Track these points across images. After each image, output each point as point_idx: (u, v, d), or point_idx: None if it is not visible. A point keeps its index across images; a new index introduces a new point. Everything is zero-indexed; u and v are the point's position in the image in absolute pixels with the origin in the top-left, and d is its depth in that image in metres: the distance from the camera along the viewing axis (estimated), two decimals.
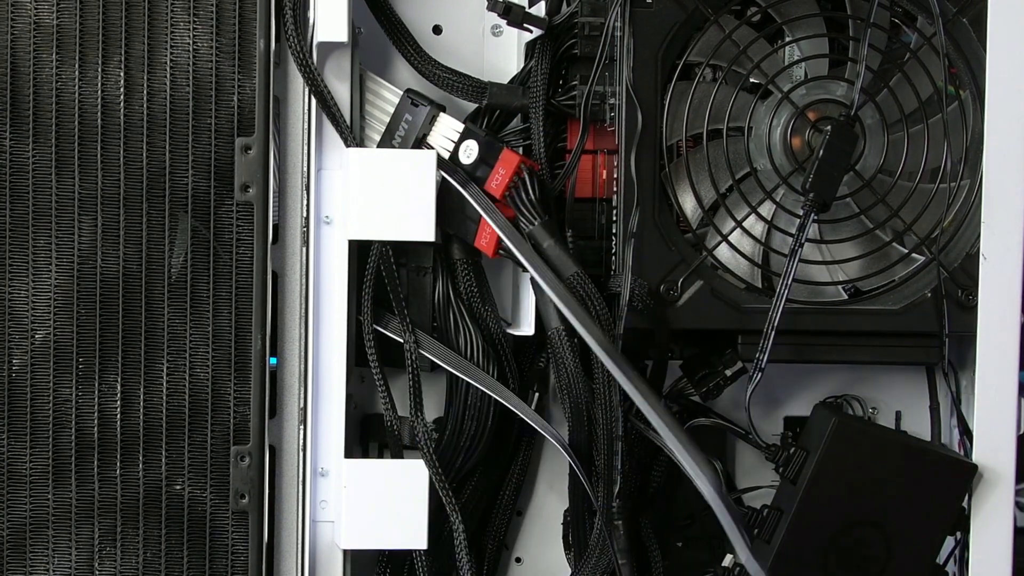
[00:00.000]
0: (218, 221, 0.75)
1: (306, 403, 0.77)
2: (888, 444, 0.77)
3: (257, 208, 0.75)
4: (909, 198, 0.77)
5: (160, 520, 0.75)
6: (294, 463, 0.78)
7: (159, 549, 0.75)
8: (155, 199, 0.74)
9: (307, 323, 0.77)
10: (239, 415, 0.75)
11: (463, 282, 0.79)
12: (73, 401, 0.74)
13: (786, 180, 0.76)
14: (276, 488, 0.77)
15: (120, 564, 0.75)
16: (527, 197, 0.76)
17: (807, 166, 0.76)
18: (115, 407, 0.75)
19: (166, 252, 0.75)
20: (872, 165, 0.77)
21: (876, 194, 0.77)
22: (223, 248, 0.75)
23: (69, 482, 0.75)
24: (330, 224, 0.77)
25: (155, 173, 0.74)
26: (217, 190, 0.74)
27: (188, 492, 0.75)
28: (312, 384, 0.77)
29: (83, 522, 0.75)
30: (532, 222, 0.76)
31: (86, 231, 0.74)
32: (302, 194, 0.77)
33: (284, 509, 0.78)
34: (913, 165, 0.77)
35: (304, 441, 0.77)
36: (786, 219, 0.77)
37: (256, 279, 0.75)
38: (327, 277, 0.77)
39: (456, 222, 0.78)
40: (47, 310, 0.74)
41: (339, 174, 0.77)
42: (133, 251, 0.74)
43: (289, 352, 0.77)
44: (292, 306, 0.77)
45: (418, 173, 0.76)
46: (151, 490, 0.75)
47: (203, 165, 0.74)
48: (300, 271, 0.77)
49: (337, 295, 0.78)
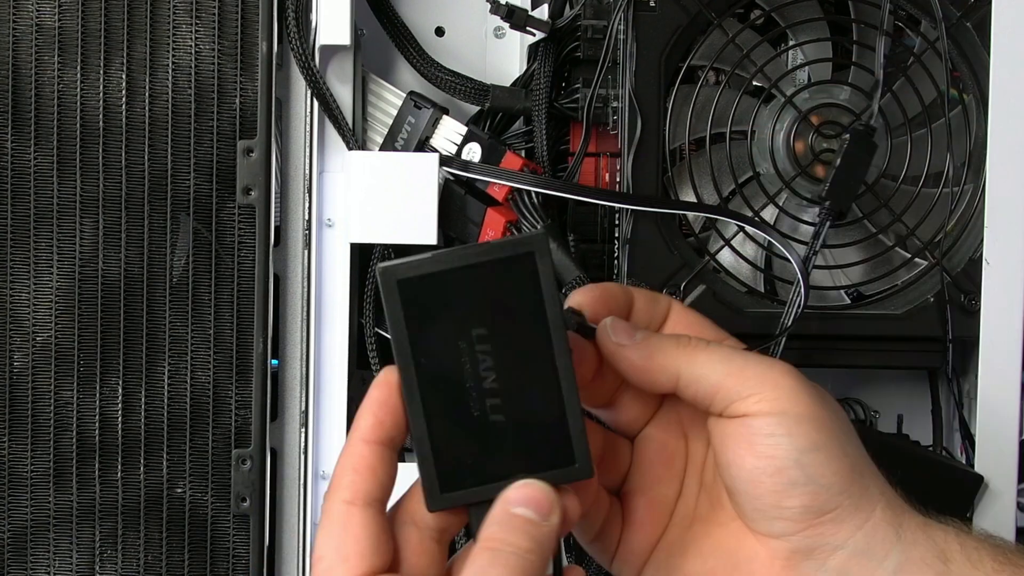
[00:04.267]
0: (220, 224, 0.75)
1: (307, 406, 0.77)
2: (891, 451, 0.77)
3: (259, 211, 0.75)
4: (912, 203, 0.77)
5: (161, 523, 0.75)
6: (295, 466, 0.78)
7: (160, 552, 0.75)
8: (157, 201, 0.74)
9: (309, 326, 0.77)
10: (240, 418, 0.75)
11: None
12: (74, 404, 0.75)
13: (789, 184, 0.76)
14: (277, 491, 0.77)
15: (121, 567, 0.75)
16: (529, 200, 0.76)
17: (811, 170, 0.76)
18: (116, 410, 0.75)
19: (168, 254, 0.75)
20: (875, 169, 0.77)
21: (879, 199, 0.77)
22: (225, 251, 0.75)
23: (70, 485, 0.75)
24: (332, 227, 0.77)
25: (157, 175, 0.74)
26: (219, 193, 0.74)
27: (189, 495, 0.75)
28: (314, 387, 0.77)
29: (84, 525, 0.75)
30: (535, 225, 0.76)
31: (88, 233, 0.74)
32: (304, 197, 0.77)
33: (285, 512, 0.78)
34: (916, 170, 0.77)
35: (305, 444, 0.77)
36: (789, 223, 0.78)
37: (258, 282, 0.75)
38: (329, 280, 0.77)
39: (458, 225, 0.78)
40: (48, 312, 0.74)
41: (341, 177, 0.77)
42: (135, 253, 0.74)
43: (291, 355, 0.77)
44: (294, 309, 0.77)
45: (420, 176, 0.76)
46: (152, 493, 0.75)
47: (205, 168, 0.74)
48: (302, 274, 0.77)
49: (339, 298, 0.77)
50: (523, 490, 0.51)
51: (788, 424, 0.52)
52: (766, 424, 0.52)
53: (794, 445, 0.52)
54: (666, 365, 0.54)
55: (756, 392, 0.52)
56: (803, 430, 0.52)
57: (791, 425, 0.52)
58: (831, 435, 0.52)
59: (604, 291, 0.57)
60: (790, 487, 0.52)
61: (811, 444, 0.52)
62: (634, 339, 0.54)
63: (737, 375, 0.53)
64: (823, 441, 0.52)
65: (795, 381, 0.53)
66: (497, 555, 0.49)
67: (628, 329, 0.55)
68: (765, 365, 0.53)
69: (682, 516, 0.57)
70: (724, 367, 0.53)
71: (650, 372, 0.54)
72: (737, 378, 0.53)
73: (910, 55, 0.77)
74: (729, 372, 0.53)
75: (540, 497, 0.51)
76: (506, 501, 0.51)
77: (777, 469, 0.52)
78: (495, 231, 0.76)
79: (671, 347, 0.54)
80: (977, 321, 0.76)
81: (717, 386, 0.53)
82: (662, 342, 0.54)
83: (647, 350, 0.54)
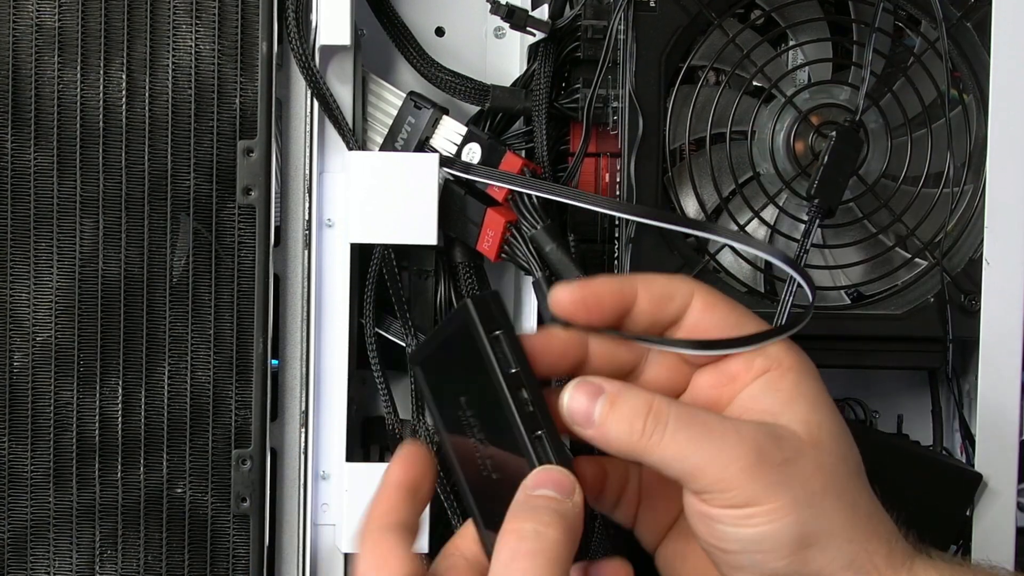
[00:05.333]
0: (220, 224, 0.74)
1: (307, 406, 0.77)
2: (890, 451, 0.76)
3: (259, 211, 0.75)
4: (912, 203, 0.77)
5: (161, 523, 0.75)
6: (295, 466, 0.77)
7: (160, 552, 0.75)
8: (157, 201, 0.74)
9: (309, 326, 0.77)
10: (240, 418, 0.75)
11: (465, 285, 0.79)
12: (74, 404, 0.74)
13: (789, 184, 0.76)
14: (277, 491, 0.77)
15: (121, 567, 0.75)
16: (529, 201, 0.76)
17: (811, 170, 0.75)
18: (116, 410, 0.75)
19: (168, 255, 0.74)
20: (875, 170, 0.77)
21: (879, 199, 0.77)
22: (225, 251, 0.75)
23: (70, 485, 0.75)
24: (332, 227, 0.77)
25: (157, 175, 0.74)
26: (219, 193, 0.74)
27: (189, 495, 0.75)
28: (314, 387, 0.77)
29: (84, 525, 0.75)
30: (535, 226, 0.76)
31: (88, 233, 0.74)
32: (304, 197, 0.77)
33: (285, 512, 0.77)
34: (916, 170, 0.77)
35: (305, 444, 0.77)
36: (789, 223, 0.77)
37: (258, 282, 0.75)
38: (329, 280, 0.77)
39: (458, 225, 0.78)
40: (48, 312, 0.74)
41: (341, 177, 0.77)
42: (135, 253, 0.74)
43: (291, 355, 0.77)
44: (294, 309, 0.77)
45: (421, 176, 0.76)
46: (152, 493, 0.75)
47: (205, 168, 0.74)
48: (302, 274, 0.77)
49: (339, 298, 0.77)
50: (540, 475, 0.51)
51: (736, 516, 0.52)
52: (720, 519, 0.52)
53: (741, 539, 0.52)
54: (626, 453, 0.53)
55: (714, 491, 0.52)
56: (747, 523, 0.52)
57: (739, 518, 0.52)
58: (780, 527, 0.52)
59: (590, 293, 0.55)
60: (737, 571, 0.53)
61: (758, 537, 0.52)
62: (592, 422, 0.53)
63: (697, 474, 0.52)
64: (770, 533, 0.52)
65: (751, 465, 0.51)
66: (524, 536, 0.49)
67: (587, 407, 0.53)
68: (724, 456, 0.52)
69: None
70: (680, 464, 0.52)
71: (615, 454, 0.54)
72: (697, 476, 0.52)
73: (910, 55, 0.77)
74: (687, 470, 0.52)
75: (559, 477, 0.51)
76: (525, 488, 0.51)
77: (727, 554, 0.53)
78: (495, 231, 0.76)
79: (624, 436, 0.52)
80: (977, 321, 0.76)
81: (680, 475, 0.53)
82: (618, 429, 0.52)
83: (604, 439, 0.53)
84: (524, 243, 0.76)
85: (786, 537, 0.52)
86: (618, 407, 0.53)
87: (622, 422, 0.52)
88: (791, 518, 0.52)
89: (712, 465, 0.51)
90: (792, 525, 0.52)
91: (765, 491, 0.51)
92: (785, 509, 0.51)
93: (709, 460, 0.51)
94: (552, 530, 0.49)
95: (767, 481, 0.51)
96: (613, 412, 0.53)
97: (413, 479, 0.54)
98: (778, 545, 0.52)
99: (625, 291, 0.56)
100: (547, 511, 0.49)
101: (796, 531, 0.52)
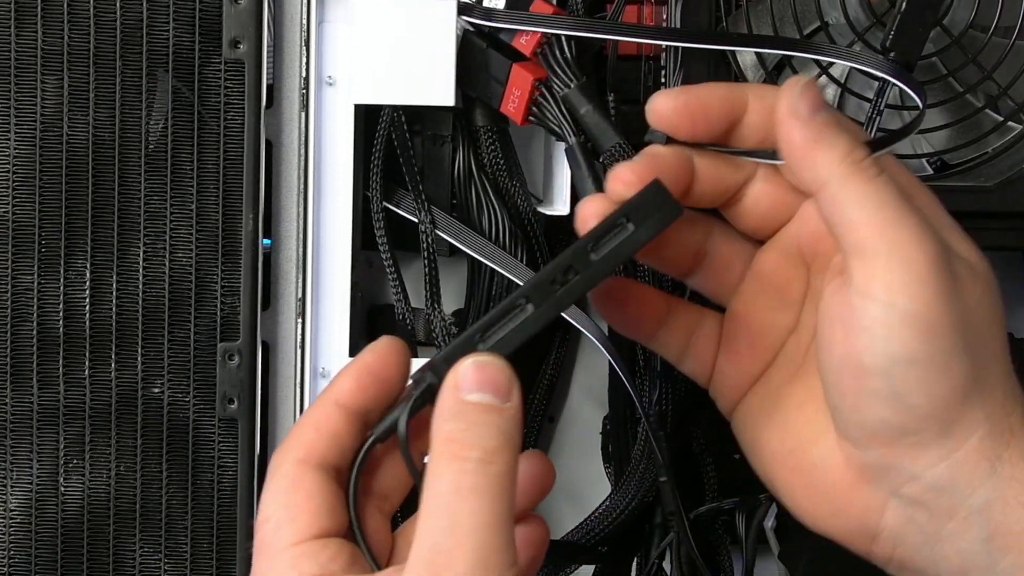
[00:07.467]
0: (203, 81, 0.69)
1: (305, 293, 0.72)
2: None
3: (249, 66, 0.69)
4: (1004, 57, 0.70)
5: (135, 428, 0.70)
6: (291, 362, 0.73)
7: (134, 461, 0.70)
8: (130, 56, 0.69)
9: (306, 200, 0.72)
10: (227, 307, 0.70)
11: (487, 153, 0.73)
12: (35, 290, 0.70)
13: (862, 36, 0.70)
14: (269, 391, 0.73)
15: (89, 477, 0.70)
16: (561, 55, 0.69)
17: (886, 20, 0.69)
18: (84, 297, 0.70)
19: (143, 117, 0.70)
20: (962, 19, 0.70)
21: (966, 53, 0.70)
22: (209, 113, 0.69)
23: (30, 384, 0.70)
24: (333, 86, 0.72)
25: (130, 25, 0.69)
26: (202, 46, 0.69)
27: (168, 396, 0.70)
28: (312, 271, 0.72)
29: (46, 430, 0.70)
30: (568, 84, 0.69)
31: (50, 92, 0.69)
32: (301, 51, 0.71)
33: (279, 415, 0.73)
34: (1010, 19, 0.70)
35: (302, 337, 0.72)
36: (861, 81, 0.71)
37: (247, 149, 0.69)
38: (329, 147, 0.72)
39: (479, 84, 0.71)
40: (5, 185, 0.69)
41: (344, 28, 0.71)
42: (105, 115, 0.69)
43: (285, 234, 0.72)
44: (289, 180, 0.72)
45: (437, 27, 0.70)
46: (125, 393, 0.70)
47: (186, 16, 0.69)
48: (298, 140, 0.72)
49: (341, 168, 0.72)
50: (472, 371, 0.44)
51: (892, 321, 0.46)
52: (868, 312, 0.46)
53: (887, 351, 0.46)
54: (820, 168, 0.48)
55: (877, 263, 0.47)
56: (904, 335, 0.46)
57: (894, 323, 0.46)
58: (939, 347, 0.46)
59: (695, 98, 0.51)
60: (871, 396, 0.47)
61: (908, 355, 0.46)
62: (814, 117, 0.49)
63: (876, 228, 0.47)
64: (925, 354, 0.46)
65: (929, 266, 0.46)
66: (464, 465, 0.42)
67: (815, 102, 0.49)
68: (909, 235, 0.47)
69: (789, 358, 0.52)
70: (867, 214, 0.47)
71: (802, 161, 0.49)
72: (872, 232, 0.47)
73: None
74: (870, 221, 0.47)
75: (495, 375, 0.44)
76: (456, 388, 0.44)
77: (863, 371, 0.47)
78: (522, 90, 0.70)
79: (838, 155, 0.48)
80: None
81: (849, 225, 0.48)
82: (836, 142, 0.48)
83: (816, 135, 0.49)
84: (555, 104, 0.70)
85: (940, 366, 0.47)
86: (849, 126, 0.51)
87: (845, 139, 0.49)
88: (955, 344, 0.47)
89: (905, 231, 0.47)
90: (951, 350, 0.47)
91: (937, 297, 0.47)
92: (955, 325, 0.47)
93: (902, 227, 0.47)
94: (496, 452, 0.43)
95: (944, 285, 0.47)
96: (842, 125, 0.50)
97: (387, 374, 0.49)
98: (927, 376, 0.47)
99: (735, 98, 0.52)
100: (486, 425, 0.43)
101: (948, 366, 0.47)
